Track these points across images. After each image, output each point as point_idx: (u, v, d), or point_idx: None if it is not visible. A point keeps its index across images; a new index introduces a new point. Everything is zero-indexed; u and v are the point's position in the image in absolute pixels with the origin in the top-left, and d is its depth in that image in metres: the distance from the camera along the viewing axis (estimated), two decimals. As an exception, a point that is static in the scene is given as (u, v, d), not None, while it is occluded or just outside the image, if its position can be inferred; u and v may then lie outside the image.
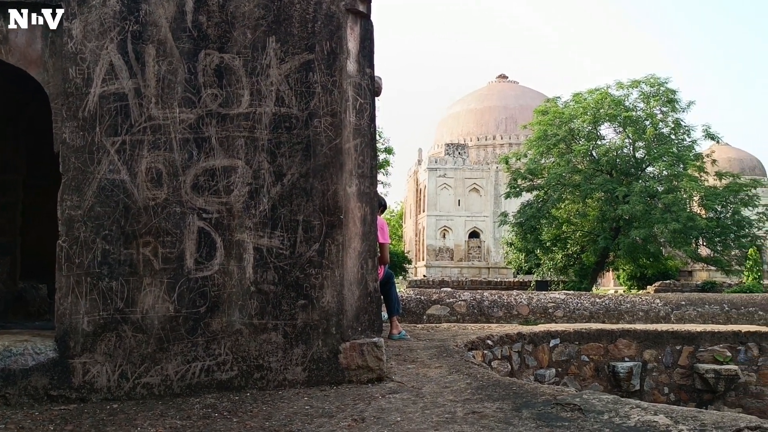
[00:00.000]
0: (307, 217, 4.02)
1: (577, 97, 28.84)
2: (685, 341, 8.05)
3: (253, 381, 3.93)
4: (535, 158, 29.02)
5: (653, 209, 25.16)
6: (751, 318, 11.12)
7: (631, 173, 27.63)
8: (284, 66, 4.03)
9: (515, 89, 60.98)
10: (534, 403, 3.37)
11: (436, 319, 9.72)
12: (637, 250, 26.76)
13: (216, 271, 3.93)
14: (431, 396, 3.66)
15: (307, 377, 4.00)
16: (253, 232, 3.97)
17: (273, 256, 3.98)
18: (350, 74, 4.16)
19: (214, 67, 3.97)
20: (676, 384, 7.97)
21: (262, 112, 4.00)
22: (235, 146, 3.98)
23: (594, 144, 28.14)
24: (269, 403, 3.60)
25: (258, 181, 3.99)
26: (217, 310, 3.92)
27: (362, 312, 4.17)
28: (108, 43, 3.89)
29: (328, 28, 4.09)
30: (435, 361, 4.84)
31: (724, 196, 27.07)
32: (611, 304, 10.96)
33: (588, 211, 27.71)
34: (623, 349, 7.81)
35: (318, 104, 4.06)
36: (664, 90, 27.23)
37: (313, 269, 4.02)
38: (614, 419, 2.98)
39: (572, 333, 7.61)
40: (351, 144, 4.15)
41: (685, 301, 11.38)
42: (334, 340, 4.05)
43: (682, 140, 27.78)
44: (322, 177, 4.05)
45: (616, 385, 7.62)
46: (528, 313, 10.29)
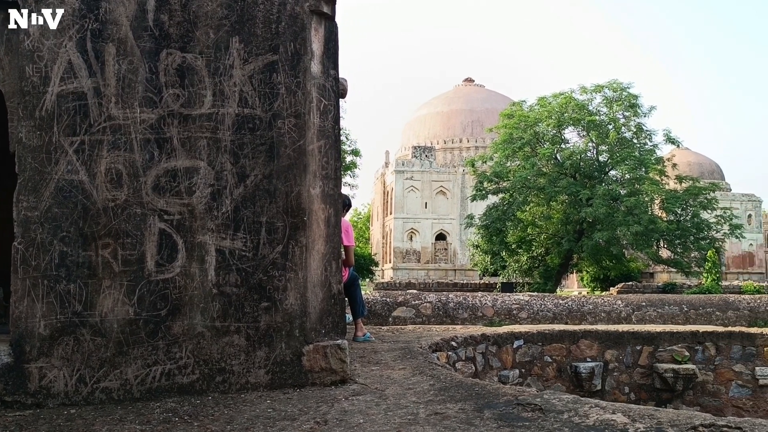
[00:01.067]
0: (270, 218, 4.00)
1: (542, 101, 29.22)
2: (645, 341, 8.21)
3: (215, 384, 3.89)
4: (500, 161, 29.33)
5: (616, 212, 25.61)
6: (709, 318, 11.38)
7: (595, 176, 28.09)
8: (248, 66, 4.00)
9: (481, 92, 61.50)
10: (496, 403, 3.39)
11: (402, 320, 9.74)
12: (600, 252, 27.23)
13: (177, 273, 3.88)
14: (394, 397, 3.66)
15: (270, 380, 3.97)
16: (216, 233, 3.93)
17: (236, 258, 3.95)
18: (314, 75, 4.15)
19: (175, 67, 3.92)
20: (636, 383, 8.12)
21: (225, 112, 3.97)
22: (197, 147, 3.93)
23: (558, 147, 28.54)
24: (231, 407, 3.56)
25: (221, 183, 3.95)
26: (179, 312, 3.87)
27: (326, 314, 4.16)
28: (66, 41, 3.82)
29: (292, 29, 4.07)
30: (399, 363, 4.85)
31: (684, 199, 27.71)
32: (574, 306, 11.12)
33: (552, 213, 28.08)
34: (585, 349, 7.92)
35: (282, 105, 4.04)
36: (626, 95, 27.77)
37: (277, 271, 3.99)
38: (574, 418, 3.02)
39: (536, 334, 7.70)
40: (315, 145, 4.14)
41: (646, 302, 11.60)
42: (297, 343, 4.03)
43: (643, 144, 28.36)
44: (286, 178, 4.03)
45: (578, 385, 7.73)
46: (493, 315, 10.38)
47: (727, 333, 8.42)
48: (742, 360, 8.26)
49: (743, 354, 8.28)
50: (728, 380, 8.25)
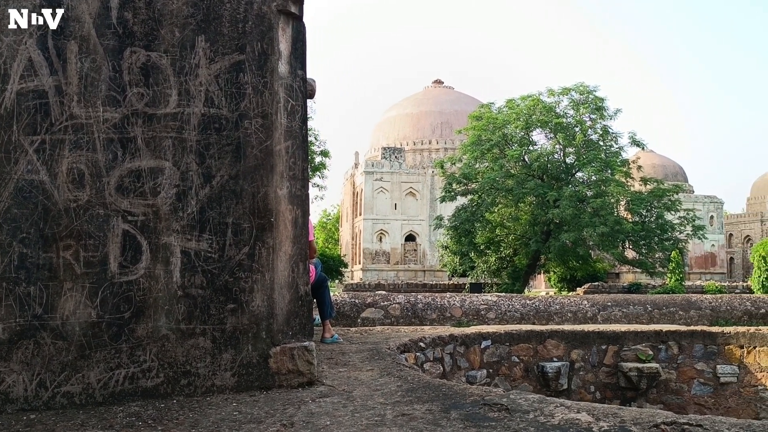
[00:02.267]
0: (236, 219, 3.96)
1: (511, 104, 29.51)
2: (610, 341, 8.32)
3: (180, 387, 3.83)
4: (469, 163, 29.53)
5: (582, 213, 25.97)
6: (672, 318, 11.60)
7: (562, 178, 28.44)
8: (214, 66, 3.96)
9: (451, 94, 61.88)
10: (463, 404, 3.41)
11: (371, 322, 9.73)
12: (567, 253, 27.58)
13: (141, 275, 3.82)
14: (362, 399, 3.66)
15: (236, 383, 3.93)
16: (181, 235, 3.88)
17: (201, 260, 3.90)
18: (282, 76, 4.12)
19: (140, 66, 3.86)
20: (601, 382, 8.23)
21: (191, 112, 3.92)
22: (162, 147, 3.88)
23: (526, 149, 28.85)
24: (196, 410, 3.52)
25: (186, 183, 3.90)
26: (143, 315, 3.81)
27: (293, 316, 4.13)
28: (27, 38, 3.74)
29: (259, 29, 4.04)
30: (367, 364, 4.84)
31: (648, 200, 28.22)
32: (541, 306, 11.23)
33: (520, 215, 28.37)
34: (552, 349, 8.01)
35: (249, 105, 4.01)
36: (592, 98, 28.19)
37: (243, 273, 3.96)
38: (539, 418, 3.05)
39: (503, 334, 7.75)
40: (282, 146, 4.11)
41: (611, 302, 11.78)
42: (264, 345, 4.00)
43: (609, 146, 28.81)
44: (253, 179, 4.00)
45: (545, 384, 7.81)
46: (461, 315, 10.43)
47: (689, 332, 8.59)
48: (704, 358, 8.43)
49: (705, 352, 8.45)
50: (690, 378, 8.41)
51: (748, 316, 13.37)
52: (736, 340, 8.41)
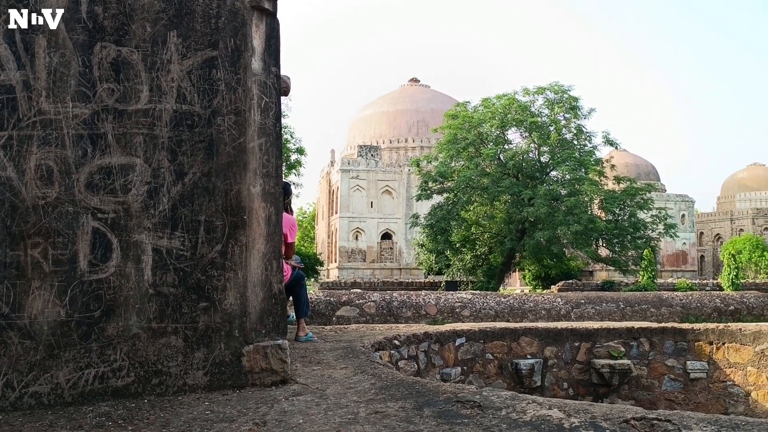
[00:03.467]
0: (209, 217, 3.92)
1: (486, 102, 29.62)
2: (583, 338, 8.42)
3: (151, 387, 3.79)
4: (445, 161, 29.60)
5: (556, 212, 26.18)
6: (644, 315, 11.76)
7: (536, 177, 28.65)
8: (186, 62, 3.92)
9: (427, 93, 62.00)
10: (436, 401, 3.41)
11: (346, 320, 9.72)
12: (542, 251, 27.79)
13: (112, 273, 3.77)
14: (335, 397, 3.65)
15: (208, 381, 3.90)
16: (152, 232, 3.83)
17: (173, 258, 3.86)
18: (255, 72, 4.09)
19: (110, 61, 3.80)
20: (574, 379, 8.32)
21: (163, 108, 3.87)
22: (133, 143, 3.83)
23: (501, 148, 29.00)
24: (168, 410, 3.48)
25: (157, 180, 3.85)
26: (113, 314, 3.76)
27: (266, 314, 4.11)
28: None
29: (232, 25, 4.01)
30: (341, 363, 4.83)
31: (621, 199, 28.53)
32: (515, 304, 11.31)
33: (495, 213, 28.52)
34: (526, 346, 8.07)
35: (221, 102, 3.97)
36: (567, 97, 28.42)
37: (216, 271, 3.92)
38: (511, 415, 3.07)
39: (477, 332, 7.80)
40: (256, 143, 4.08)
41: (585, 300, 11.90)
42: (237, 343, 3.97)
43: (583, 146, 29.08)
44: (226, 176, 3.96)
45: (518, 381, 7.87)
46: (436, 313, 10.47)
47: (660, 329, 8.72)
48: (675, 355, 8.57)
49: (675, 349, 8.58)
50: (661, 374, 8.54)
51: (717, 313, 13.61)
52: (706, 336, 8.55)
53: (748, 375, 8.26)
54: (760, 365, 8.17)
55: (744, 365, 8.30)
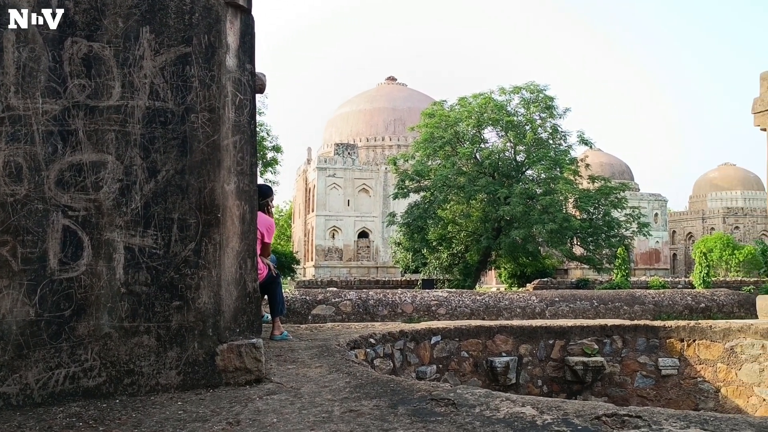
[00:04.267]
0: (182, 215, 3.89)
1: (463, 102, 29.71)
2: (557, 335, 8.49)
3: (123, 387, 3.75)
4: (422, 160, 29.66)
5: (532, 210, 26.36)
6: (617, 312, 11.90)
7: (512, 176, 28.82)
8: (159, 58, 3.87)
9: (404, 91, 62.03)
10: (410, 399, 3.42)
11: (322, 318, 9.70)
12: (517, 250, 27.97)
13: (83, 272, 3.71)
14: (309, 396, 3.64)
15: (181, 381, 3.86)
16: (124, 230, 3.79)
17: (146, 256, 3.82)
18: (229, 69, 4.06)
19: (81, 56, 3.75)
20: (548, 376, 8.39)
21: (135, 105, 3.83)
22: (104, 140, 3.77)
23: (478, 147, 29.12)
24: (140, 410, 3.44)
25: (130, 178, 3.81)
26: (84, 313, 3.71)
27: (240, 313, 4.08)
28: (-40, 26, 3.58)
29: (206, 21, 3.97)
30: (316, 361, 4.82)
31: (596, 198, 28.81)
32: (491, 302, 11.38)
33: (472, 212, 28.63)
34: (501, 344, 8.12)
35: (195, 99, 3.94)
36: (542, 96, 28.61)
37: (189, 269, 3.89)
38: (485, 412, 3.08)
39: (453, 330, 7.82)
40: (230, 140, 4.05)
41: (559, 298, 12.01)
42: (210, 342, 3.94)
43: (558, 145, 29.31)
44: (199, 174, 3.93)
45: (493, 379, 7.92)
46: (412, 311, 10.49)
47: (633, 326, 8.82)
48: (647, 352, 8.68)
49: (647, 346, 8.70)
50: (634, 371, 8.65)
51: (688, 310, 13.82)
52: (677, 333, 8.67)
53: (717, 371, 8.40)
54: (729, 362, 8.32)
55: (714, 362, 8.44)
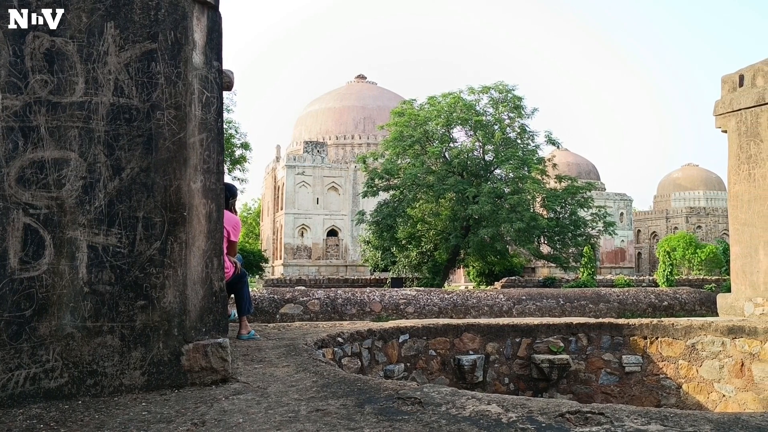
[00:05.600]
0: (147, 213, 3.84)
1: (432, 101, 29.83)
2: (524, 334, 8.58)
3: (86, 388, 3.69)
4: (391, 158, 29.69)
5: (500, 209, 26.58)
6: (583, 310, 12.06)
7: (481, 175, 29.02)
8: (124, 54, 3.82)
9: (373, 90, 62.06)
10: (377, 398, 3.43)
11: (289, 317, 9.66)
12: (486, 248, 28.18)
13: (44, 271, 3.64)
14: (276, 395, 3.62)
15: (146, 381, 3.82)
16: (88, 229, 3.73)
17: (110, 255, 3.76)
18: (196, 66, 4.02)
19: (44, 51, 3.67)
20: (515, 374, 8.47)
21: (99, 101, 3.77)
22: (67, 137, 3.71)
23: (447, 146, 29.25)
24: (103, 411, 3.39)
25: (93, 175, 3.75)
26: (46, 313, 3.64)
27: (207, 312, 4.05)
28: None
29: (172, 17, 3.93)
30: (283, 360, 4.80)
31: (563, 197, 29.17)
32: (459, 300, 11.44)
33: (441, 210, 28.77)
34: (468, 342, 8.18)
35: (161, 96, 3.89)
36: (511, 96, 28.85)
37: (154, 268, 3.84)
38: (451, 410, 3.10)
39: (421, 328, 7.86)
40: (196, 138, 4.01)
41: (526, 296, 12.13)
42: (176, 342, 3.90)
43: (526, 145, 29.59)
44: (165, 172, 3.88)
45: (461, 377, 7.97)
46: (380, 310, 10.50)
47: (597, 324, 8.96)
48: (611, 349, 8.82)
49: (612, 344, 8.84)
50: (598, 368, 8.78)
51: (652, 308, 14.07)
52: (640, 331, 8.83)
53: (679, 368, 8.57)
54: (690, 359, 8.50)
55: (676, 359, 8.61)
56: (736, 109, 10.43)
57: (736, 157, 10.40)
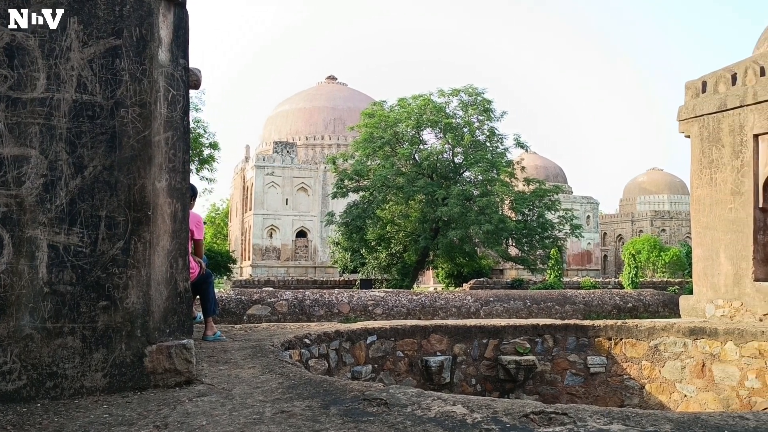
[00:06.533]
0: (110, 212, 3.77)
1: (402, 102, 29.90)
2: (491, 335, 8.64)
3: (46, 390, 3.61)
4: (361, 160, 29.67)
5: (469, 211, 26.74)
6: (549, 312, 12.19)
7: (450, 177, 29.17)
8: (87, 50, 3.75)
9: (344, 91, 61.96)
10: (343, 399, 3.42)
11: (257, 319, 9.58)
12: (454, 250, 28.33)
13: (3, 270, 3.55)
14: (241, 397, 3.59)
15: (108, 383, 3.75)
16: (48, 228, 3.65)
17: (71, 255, 3.68)
18: (162, 64, 3.96)
19: (3, 46, 3.59)
20: (482, 375, 8.52)
21: (61, 98, 3.69)
22: (28, 134, 3.62)
23: (417, 148, 29.35)
24: (62, 414, 3.32)
25: (55, 173, 3.67)
26: (4, 313, 3.55)
27: (171, 313, 3.99)
28: None
29: (137, 13, 3.87)
30: (249, 362, 4.76)
31: (530, 200, 29.46)
32: (427, 301, 11.48)
33: (410, 212, 28.85)
34: (435, 344, 8.20)
35: (125, 93, 3.83)
36: (480, 99, 29.06)
37: (117, 268, 3.77)
38: (416, 411, 3.11)
39: (388, 329, 7.86)
40: (161, 137, 3.95)
41: (494, 298, 12.22)
42: (139, 343, 3.84)
43: (495, 147, 29.83)
44: (129, 170, 3.82)
45: (428, 378, 7.99)
46: (348, 311, 10.48)
47: (563, 326, 9.06)
48: (576, 350, 8.93)
49: (577, 345, 8.95)
50: (564, 369, 8.88)
51: (617, 309, 14.28)
52: (605, 332, 8.96)
53: (642, 369, 8.71)
54: (653, 359, 8.64)
55: (639, 359, 8.75)
56: (698, 114, 10.64)
57: (698, 161, 10.61)
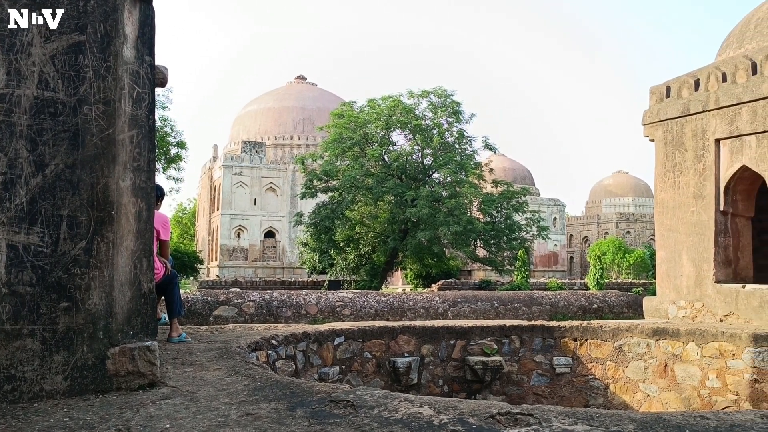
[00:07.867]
0: (72, 212, 3.69)
1: (372, 103, 29.88)
2: (458, 336, 8.67)
3: (3, 394, 3.51)
4: (330, 160, 29.57)
5: (438, 213, 26.83)
6: (516, 313, 12.29)
7: (419, 178, 29.24)
8: (50, 46, 3.66)
9: (313, 91, 61.75)
10: (309, 401, 3.39)
11: (224, 320, 9.48)
12: (423, 251, 28.41)
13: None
14: (206, 400, 3.54)
15: (68, 386, 3.67)
16: (8, 227, 3.56)
17: (31, 255, 3.60)
18: (127, 61, 3.90)
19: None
20: (449, 376, 8.56)
21: (22, 94, 3.60)
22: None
23: (386, 149, 29.35)
24: (21, 418, 3.24)
25: (14, 171, 3.58)
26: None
27: (135, 314, 3.92)
28: None
29: (102, 9, 3.79)
30: (214, 364, 4.70)
31: (499, 202, 29.66)
32: (395, 302, 11.49)
33: (379, 213, 28.84)
34: (403, 345, 8.21)
35: (89, 90, 3.75)
36: (450, 102, 29.18)
37: (79, 269, 3.70)
38: (383, 413, 3.10)
39: (356, 331, 7.84)
40: (126, 135, 3.89)
41: (461, 299, 12.28)
42: (101, 345, 3.76)
43: (464, 149, 29.98)
44: (92, 169, 3.74)
45: (396, 379, 7.99)
46: (316, 312, 10.43)
47: (530, 326, 9.14)
48: (543, 351, 9.01)
49: (543, 345, 9.04)
50: (530, 370, 8.96)
51: (582, 311, 14.47)
52: (571, 333, 9.06)
53: (607, 369, 8.83)
54: (617, 360, 8.77)
55: (604, 360, 8.87)
56: (663, 119, 10.84)
57: (662, 165, 10.80)
